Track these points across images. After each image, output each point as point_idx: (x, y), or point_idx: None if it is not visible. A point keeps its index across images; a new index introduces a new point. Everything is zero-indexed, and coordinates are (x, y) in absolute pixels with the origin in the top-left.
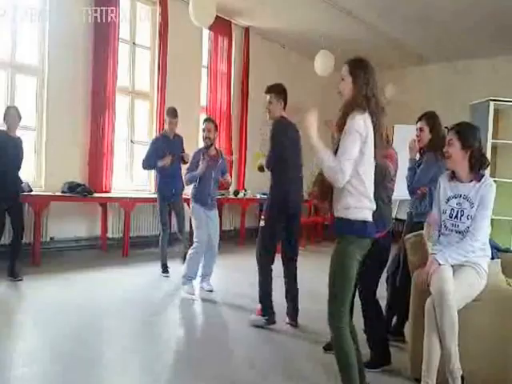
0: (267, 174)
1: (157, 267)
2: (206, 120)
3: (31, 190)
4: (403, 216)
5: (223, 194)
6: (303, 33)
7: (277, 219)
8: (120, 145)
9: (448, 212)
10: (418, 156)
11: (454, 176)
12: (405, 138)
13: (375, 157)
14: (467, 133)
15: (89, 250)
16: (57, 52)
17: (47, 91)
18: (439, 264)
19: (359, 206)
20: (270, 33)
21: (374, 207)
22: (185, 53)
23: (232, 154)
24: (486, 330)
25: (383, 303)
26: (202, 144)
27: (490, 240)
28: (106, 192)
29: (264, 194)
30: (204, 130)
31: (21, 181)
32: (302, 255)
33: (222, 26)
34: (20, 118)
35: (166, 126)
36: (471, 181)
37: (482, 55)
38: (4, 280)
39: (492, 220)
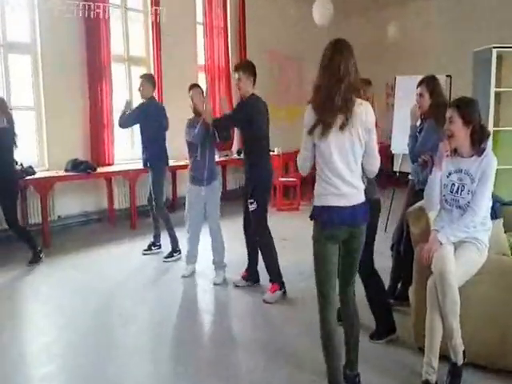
0: None
1: (165, 239)
2: (190, 87)
3: (34, 173)
4: (407, 169)
5: (226, 155)
6: None
7: (266, 198)
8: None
9: (449, 187)
10: (419, 122)
11: (455, 151)
12: (407, 89)
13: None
14: (468, 108)
15: (97, 223)
16: (48, 27)
17: (42, 68)
18: (440, 243)
19: (324, 193)
20: None
21: (342, 193)
22: (178, 11)
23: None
24: (487, 303)
25: (388, 271)
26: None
27: (493, 194)
28: (109, 165)
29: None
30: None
31: (13, 166)
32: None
33: None
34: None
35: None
36: (472, 155)
37: None
38: (17, 266)
39: (496, 170)
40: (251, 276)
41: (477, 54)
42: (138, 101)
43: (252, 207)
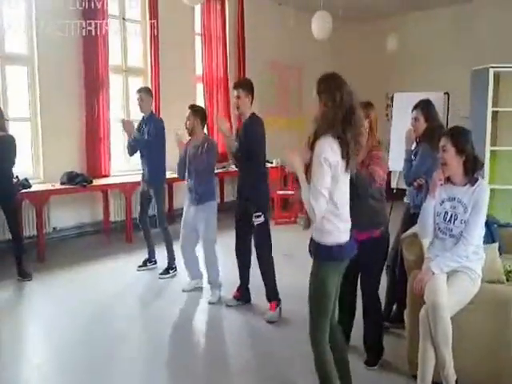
0: None
1: (161, 253)
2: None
3: (30, 186)
4: (404, 185)
5: (224, 167)
6: None
7: (268, 213)
8: (116, 125)
9: (442, 215)
10: (414, 145)
11: (448, 179)
12: (405, 106)
13: (352, 169)
14: (461, 137)
15: (92, 235)
16: (45, 39)
17: (39, 80)
18: (433, 273)
19: (333, 230)
20: None
21: (349, 227)
22: (177, 22)
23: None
24: (480, 333)
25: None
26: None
27: (490, 215)
28: (105, 176)
29: (269, 162)
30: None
31: (11, 181)
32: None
33: None
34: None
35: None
36: (466, 184)
37: None
38: (13, 280)
39: (493, 190)
40: (243, 295)
41: (474, 73)
42: (134, 114)
43: (259, 220)
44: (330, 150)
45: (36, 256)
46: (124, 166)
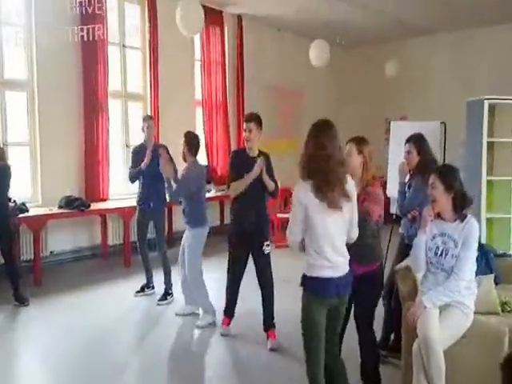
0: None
1: (159, 278)
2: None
3: (27, 210)
4: None
5: (223, 190)
6: (298, 17)
7: None
8: (115, 149)
9: (433, 249)
10: (407, 177)
11: (439, 214)
12: (401, 135)
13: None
14: (449, 175)
15: (90, 259)
16: (45, 64)
17: (38, 105)
18: (425, 307)
19: (317, 264)
20: (264, 19)
21: (340, 264)
22: (176, 48)
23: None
24: (474, 367)
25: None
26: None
27: (487, 245)
28: (103, 200)
29: None
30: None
31: (4, 206)
32: None
33: (213, 17)
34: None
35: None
36: (455, 220)
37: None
38: (9, 305)
39: (490, 219)
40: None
41: (470, 104)
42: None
43: (269, 249)
44: (303, 192)
45: (33, 280)
46: (122, 190)
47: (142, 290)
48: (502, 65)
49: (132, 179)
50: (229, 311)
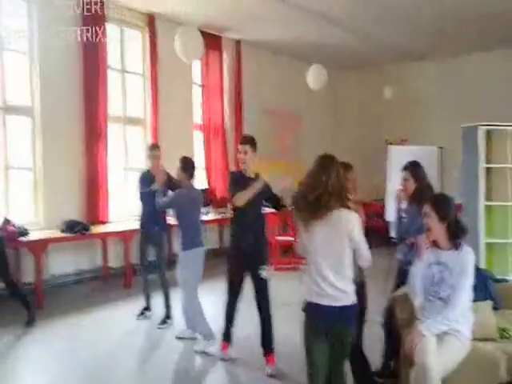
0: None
1: (159, 300)
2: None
3: (27, 234)
4: None
5: (223, 213)
6: (295, 43)
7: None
8: (114, 172)
9: (430, 278)
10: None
11: (435, 243)
12: (400, 158)
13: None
14: (442, 205)
15: (90, 282)
16: (48, 90)
17: (41, 130)
18: (423, 335)
19: (307, 287)
20: (262, 44)
21: (329, 294)
22: (176, 73)
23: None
24: None
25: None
26: (198, 161)
27: (485, 271)
28: (103, 223)
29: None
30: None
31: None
32: None
33: (212, 42)
34: None
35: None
36: (450, 249)
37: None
38: (11, 327)
39: (489, 244)
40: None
41: (465, 130)
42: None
43: (265, 274)
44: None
45: (35, 303)
46: (122, 212)
47: (142, 313)
48: (499, 90)
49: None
50: (226, 336)
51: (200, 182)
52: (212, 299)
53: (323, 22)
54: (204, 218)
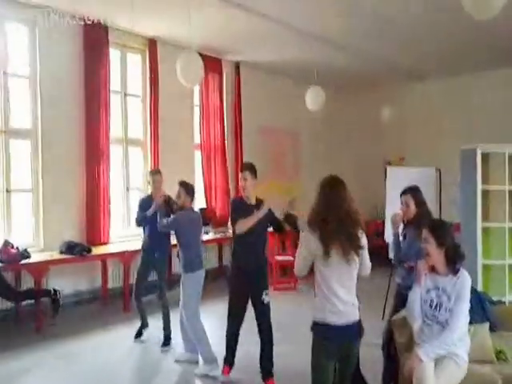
0: None
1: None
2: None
3: (29, 256)
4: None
5: (223, 232)
6: (294, 64)
7: None
8: (115, 193)
9: (428, 302)
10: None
11: (433, 268)
12: (398, 180)
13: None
14: (441, 231)
15: (90, 303)
16: (49, 113)
17: (41, 153)
18: (421, 360)
19: (317, 307)
20: (261, 65)
21: (342, 311)
22: (176, 95)
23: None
24: None
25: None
26: (198, 181)
27: (482, 293)
28: (104, 244)
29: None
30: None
31: None
32: None
33: (212, 64)
34: None
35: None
36: (448, 274)
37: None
38: (10, 352)
39: (486, 265)
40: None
41: (463, 153)
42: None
43: (268, 299)
44: (310, 240)
45: (34, 326)
46: (123, 232)
47: (140, 333)
48: (498, 111)
49: (138, 223)
50: (228, 359)
51: (199, 201)
52: (213, 321)
53: (321, 43)
54: (203, 237)
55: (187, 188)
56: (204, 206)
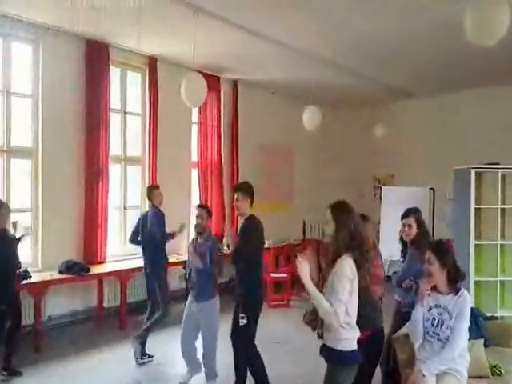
0: None
1: (155, 342)
2: (197, 206)
3: (30, 277)
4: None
5: (220, 249)
6: (291, 83)
7: (255, 318)
8: (113, 211)
9: (430, 320)
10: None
11: (435, 287)
12: (393, 199)
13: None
14: (443, 252)
15: (86, 322)
16: (50, 132)
17: (41, 172)
18: (424, 375)
19: (349, 337)
20: (258, 84)
21: (358, 335)
22: (175, 113)
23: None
24: None
25: None
26: (194, 199)
27: (476, 309)
28: (101, 263)
29: None
30: (197, 217)
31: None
32: None
33: (210, 82)
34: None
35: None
36: (450, 293)
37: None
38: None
39: (478, 281)
40: None
41: (457, 172)
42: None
43: (241, 322)
44: (349, 268)
45: (33, 347)
46: (119, 251)
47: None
48: (487, 129)
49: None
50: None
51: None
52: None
53: (316, 64)
54: None
55: (208, 212)
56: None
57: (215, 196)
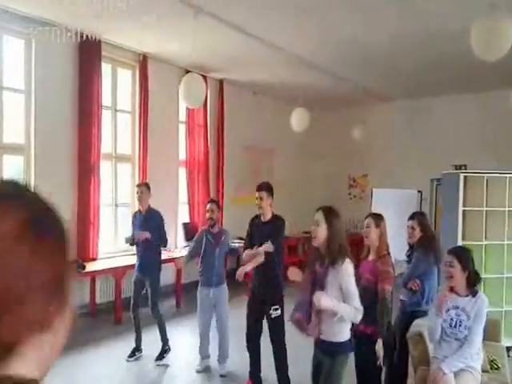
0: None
1: (151, 336)
2: (209, 201)
3: None
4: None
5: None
6: (277, 84)
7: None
8: (104, 209)
9: (448, 321)
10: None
11: (452, 289)
12: (382, 200)
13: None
14: (465, 256)
15: (80, 318)
16: (43, 128)
17: (34, 169)
18: (444, 373)
19: (348, 327)
20: (244, 84)
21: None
22: (164, 111)
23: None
24: None
25: None
26: (181, 196)
27: None
28: (93, 259)
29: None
30: (208, 211)
31: None
32: None
33: None
34: None
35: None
36: (467, 295)
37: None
38: None
39: None
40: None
41: (445, 176)
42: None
43: (276, 314)
44: (351, 267)
45: None
46: (111, 248)
47: (133, 354)
48: (465, 133)
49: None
50: (253, 375)
51: (183, 215)
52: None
53: (301, 65)
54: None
55: (218, 205)
56: (187, 220)
57: (202, 195)
